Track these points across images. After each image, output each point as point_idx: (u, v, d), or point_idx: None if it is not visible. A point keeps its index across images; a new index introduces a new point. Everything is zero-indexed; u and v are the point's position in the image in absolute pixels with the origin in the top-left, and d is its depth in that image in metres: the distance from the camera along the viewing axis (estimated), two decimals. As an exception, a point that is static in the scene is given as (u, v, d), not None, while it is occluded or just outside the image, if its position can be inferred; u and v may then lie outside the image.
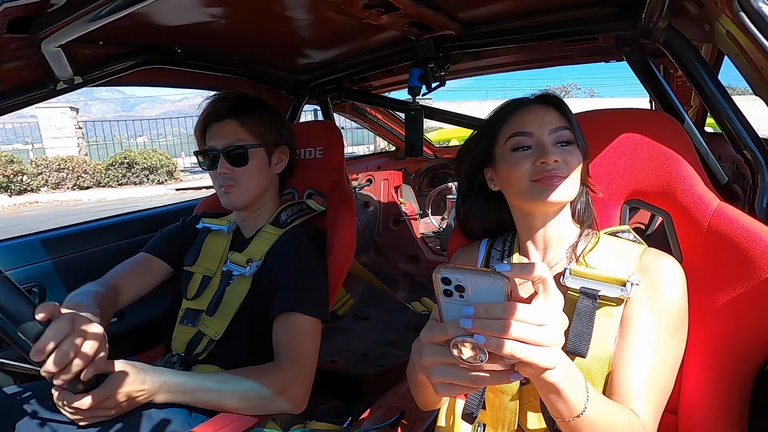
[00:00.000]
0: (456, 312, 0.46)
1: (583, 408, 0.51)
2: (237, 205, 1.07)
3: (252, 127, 1.05)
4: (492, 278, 0.44)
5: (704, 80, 0.95)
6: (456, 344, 0.45)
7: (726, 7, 0.68)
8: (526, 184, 0.71)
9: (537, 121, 0.72)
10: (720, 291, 0.70)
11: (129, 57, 1.17)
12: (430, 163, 3.12)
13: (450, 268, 0.45)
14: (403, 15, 1.06)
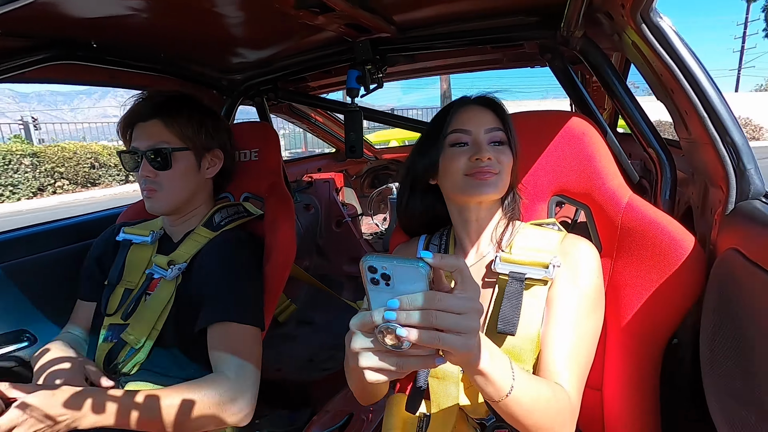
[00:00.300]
0: (383, 300, 0.47)
1: (509, 388, 0.54)
2: (159, 210, 1.00)
3: (178, 129, 0.99)
4: (414, 267, 0.46)
5: (615, 85, 1.05)
6: (381, 331, 0.47)
7: (631, 20, 0.76)
8: (460, 178, 0.76)
9: (474, 120, 0.78)
10: (633, 275, 0.78)
11: (35, 51, 1.05)
12: (370, 165, 3.14)
13: (376, 257, 0.47)
14: (339, 16, 1.06)
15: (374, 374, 0.49)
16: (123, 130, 1.02)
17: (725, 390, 0.61)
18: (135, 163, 0.98)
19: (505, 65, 1.64)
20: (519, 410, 0.57)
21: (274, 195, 1.16)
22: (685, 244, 0.73)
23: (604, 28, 0.99)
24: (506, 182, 0.77)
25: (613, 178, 0.87)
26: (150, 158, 0.97)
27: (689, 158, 0.94)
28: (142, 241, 1.06)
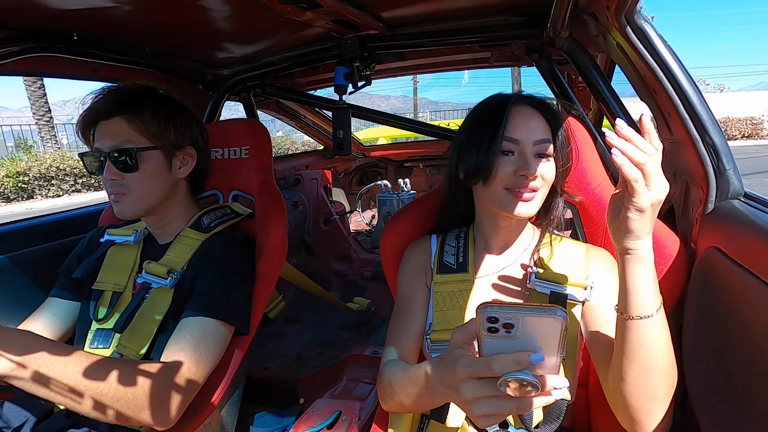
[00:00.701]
0: (499, 348, 0.45)
1: (655, 309, 0.56)
2: (129, 215, 0.93)
3: (142, 126, 0.91)
4: (552, 317, 0.42)
5: (600, 86, 1.06)
6: (506, 382, 0.44)
7: (615, 22, 0.77)
8: (500, 190, 0.72)
9: (525, 127, 0.72)
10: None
11: (13, 42, 1.02)
12: (359, 162, 3.14)
13: (498, 307, 0.44)
14: (327, 12, 1.05)
15: (489, 419, 0.48)
16: (84, 130, 0.94)
17: (706, 386, 0.63)
18: (99, 165, 0.91)
19: (492, 64, 1.65)
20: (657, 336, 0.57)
21: (265, 193, 1.15)
22: (667, 243, 0.75)
23: (590, 29, 1.00)
24: (543, 199, 0.74)
25: (599, 177, 0.88)
26: (114, 159, 0.89)
27: (671, 158, 0.96)
28: (124, 240, 1.02)
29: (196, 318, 0.85)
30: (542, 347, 0.44)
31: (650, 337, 0.56)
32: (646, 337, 0.56)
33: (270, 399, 1.62)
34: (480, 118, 0.77)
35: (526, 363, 0.44)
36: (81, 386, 0.66)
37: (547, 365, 0.45)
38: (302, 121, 2.46)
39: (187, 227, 1.00)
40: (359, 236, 2.74)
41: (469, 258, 0.82)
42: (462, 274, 0.80)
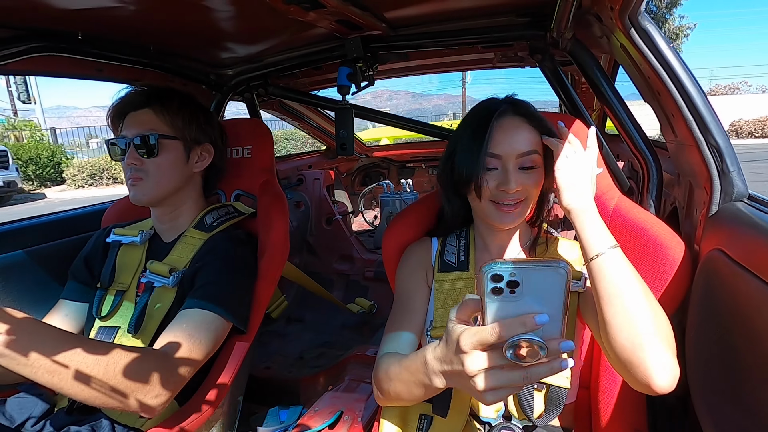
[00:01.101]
0: (505, 311, 0.43)
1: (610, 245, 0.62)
2: (143, 200, 0.97)
3: (168, 118, 0.98)
4: (554, 270, 0.41)
5: (603, 87, 1.06)
6: (513, 345, 0.42)
7: (619, 22, 0.77)
8: (486, 204, 0.76)
9: (507, 142, 0.73)
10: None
11: (18, 42, 1.03)
12: (361, 162, 3.14)
13: (502, 263, 0.42)
14: (330, 12, 1.05)
15: (497, 393, 0.46)
16: (114, 120, 1.00)
17: (710, 387, 0.63)
18: (122, 151, 0.96)
19: (495, 65, 1.65)
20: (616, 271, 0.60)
21: (267, 193, 1.15)
22: (671, 245, 0.74)
23: (594, 30, 1.00)
24: (530, 206, 0.77)
25: (602, 178, 0.88)
26: (137, 145, 0.95)
27: (675, 160, 0.95)
28: (131, 241, 1.03)
29: (193, 310, 0.85)
30: (547, 307, 0.43)
31: (610, 273, 0.61)
32: (607, 274, 0.61)
33: (272, 398, 1.63)
34: (469, 129, 0.78)
35: (532, 324, 0.42)
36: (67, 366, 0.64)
37: (552, 327, 0.43)
38: (305, 122, 2.46)
39: (191, 227, 1.02)
40: (361, 236, 2.74)
41: (470, 257, 0.83)
42: (463, 272, 0.82)
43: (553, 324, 0.43)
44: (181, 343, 0.80)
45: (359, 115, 1.83)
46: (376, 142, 5.76)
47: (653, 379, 0.56)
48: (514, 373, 0.44)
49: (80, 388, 0.65)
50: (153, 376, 0.72)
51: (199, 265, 0.94)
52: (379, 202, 2.87)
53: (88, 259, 1.06)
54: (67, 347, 0.65)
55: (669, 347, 0.58)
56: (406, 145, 3.98)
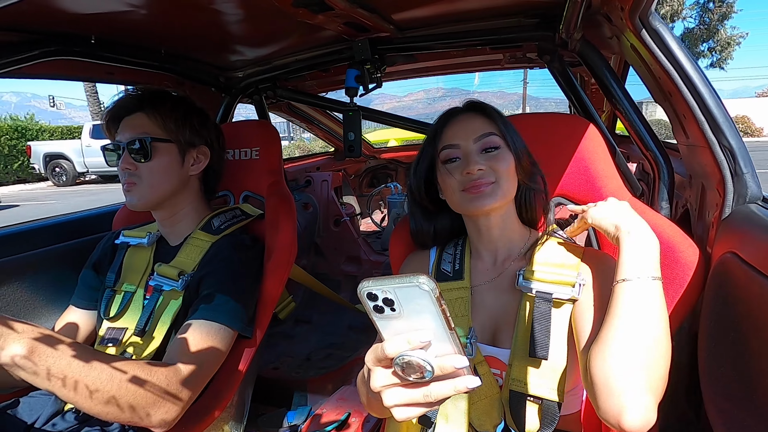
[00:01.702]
0: (392, 328, 0.42)
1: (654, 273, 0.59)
2: (138, 205, 0.96)
3: (161, 121, 0.97)
4: (416, 286, 0.40)
5: (613, 88, 1.05)
6: (399, 365, 0.42)
7: (629, 23, 0.76)
8: (458, 195, 0.75)
9: (462, 131, 0.76)
10: (631, 278, 0.78)
11: (33, 46, 1.04)
12: (369, 164, 3.14)
13: (372, 282, 0.41)
14: (338, 15, 1.05)
15: (404, 411, 0.44)
16: (109, 125, 0.99)
17: (722, 393, 0.62)
18: (117, 156, 0.96)
19: (504, 66, 1.65)
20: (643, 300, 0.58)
21: (275, 194, 1.16)
22: (682, 248, 0.73)
23: (603, 31, 0.99)
24: (508, 188, 0.74)
25: (612, 180, 0.87)
26: (131, 149, 0.94)
27: (687, 162, 0.94)
28: (138, 242, 1.04)
29: (199, 321, 0.85)
30: (427, 323, 0.42)
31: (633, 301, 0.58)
32: (628, 300, 0.58)
33: (279, 399, 1.63)
34: (425, 140, 0.82)
35: (416, 342, 0.41)
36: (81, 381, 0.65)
37: (440, 344, 0.42)
38: (313, 123, 2.48)
39: (198, 229, 1.02)
40: (369, 238, 2.74)
41: (465, 266, 0.81)
42: (458, 281, 0.80)
43: (440, 341, 0.42)
44: (189, 357, 0.81)
45: (367, 117, 1.83)
46: (384, 144, 5.76)
47: (625, 415, 0.52)
48: (415, 392, 0.43)
49: (93, 404, 0.66)
50: (164, 392, 0.73)
51: (205, 272, 0.94)
52: (386, 203, 2.87)
53: (96, 264, 1.07)
54: (83, 362, 0.66)
55: (656, 392, 0.55)
56: (414, 146, 3.97)
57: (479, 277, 0.80)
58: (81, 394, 0.65)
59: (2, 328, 0.62)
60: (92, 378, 0.66)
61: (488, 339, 0.76)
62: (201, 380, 0.82)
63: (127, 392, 0.69)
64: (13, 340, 0.61)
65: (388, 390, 0.44)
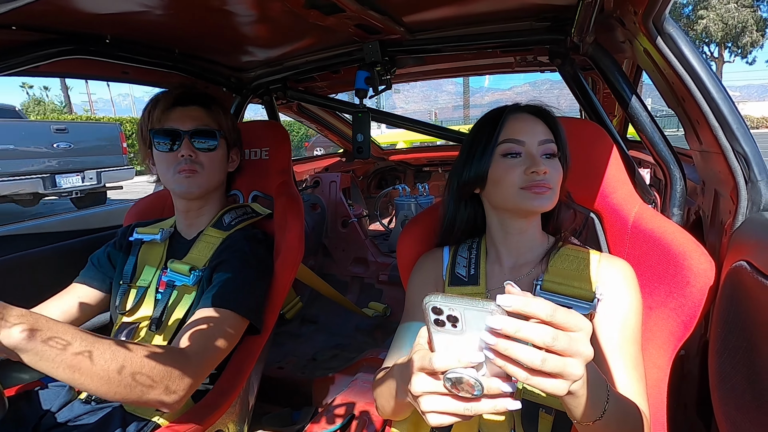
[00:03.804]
0: (449, 343, 0.44)
1: (602, 410, 0.52)
2: (196, 192, 1.00)
3: (217, 118, 1.03)
4: (489, 313, 0.41)
5: (626, 92, 1.04)
6: (449, 379, 0.44)
7: (642, 27, 0.75)
8: (515, 191, 0.72)
9: (528, 129, 0.74)
10: (642, 285, 0.77)
11: (49, 45, 1.06)
12: (378, 166, 3.15)
13: (442, 297, 0.42)
14: (349, 17, 1.06)
15: (438, 418, 0.46)
16: (163, 110, 0.99)
17: (734, 404, 0.61)
18: (171, 142, 0.98)
19: (514, 70, 1.64)
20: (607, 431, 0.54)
21: (283, 194, 1.17)
22: (694, 255, 0.72)
23: (616, 35, 0.98)
24: (557, 197, 0.74)
25: (623, 186, 0.86)
26: (195, 138, 0.98)
27: (700, 168, 0.93)
28: (152, 239, 1.06)
29: (210, 308, 0.86)
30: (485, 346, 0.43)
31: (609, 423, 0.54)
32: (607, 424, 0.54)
33: (284, 398, 1.64)
34: (478, 129, 0.79)
35: (467, 360, 0.43)
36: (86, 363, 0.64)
37: (493, 366, 0.43)
38: (322, 124, 2.49)
39: (210, 226, 1.04)
40: (376, 240, 2.75)
41: (480, 270, 0.80)
42: (473, 286, 0.78)
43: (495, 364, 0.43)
44: (198, 341, 0.81)
45: (376, 119, 1.84)
46: (392, 146, 5.76)
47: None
48: (455, 403, 0.45)
49: (98, 384, 0.65)
50: (170, 373, 0.73)
51: (217, 263, 0.95)
52: (394, 205, 2.87)
53: (111, 253, 1.09)
54: (85, 344, 0.65)
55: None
56: (423, 148, 3.98)
57: (496, 282, 0.79)
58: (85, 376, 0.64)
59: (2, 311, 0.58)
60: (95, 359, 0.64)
61: None
62: (208, 364, 0.82)
63: (131, 374, 0.67)
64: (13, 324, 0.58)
65: (428, 396, 0.46)
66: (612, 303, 0.70)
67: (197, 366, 0.78)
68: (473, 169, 0.76)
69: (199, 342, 0.81)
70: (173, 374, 0.73)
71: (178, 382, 0.73)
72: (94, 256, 1.09)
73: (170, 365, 0.73)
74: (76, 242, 1.36)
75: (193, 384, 0.76)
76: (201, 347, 0.81)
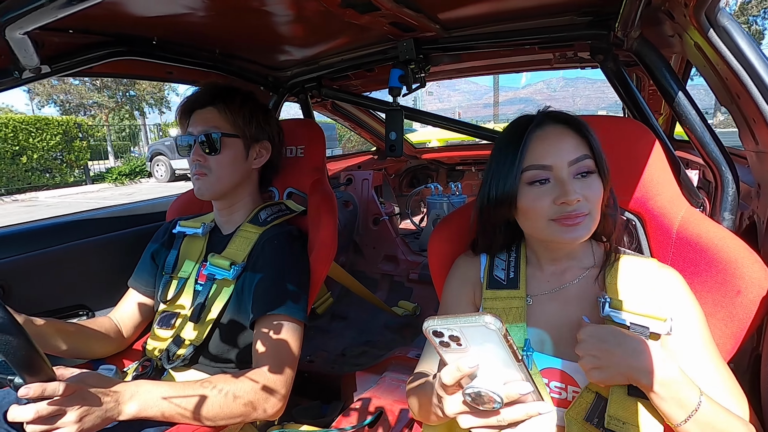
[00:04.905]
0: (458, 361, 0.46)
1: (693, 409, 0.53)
2: (206, 194, 1.03)
3: (230, 116, 1.04)
4: (484, 326, 0.43)
5: (673, 89, 0.99)
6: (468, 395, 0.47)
7: (694, 20, 0.71)
8: (544, 223, 0.67)
9: (554, 151, 0.67)
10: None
11: (101, 47, 1.13)
12: (410, 164, 3.14)
13: (438, 320, 0.45)
14: (384, 15, 1.06)
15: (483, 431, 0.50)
16: (182, 118, 1.07)
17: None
18: (188, 147, 1.03)
19: (553, 66, 1.59)
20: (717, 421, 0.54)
21: (317, 192, 1.19)
22: (747, 263, 0.68)
23: (664, 29, 0.93)
24: (597, 219, 0.68)
25: (668, 188, 0.82)
26: (201, 142, 1.01)
27: (755, 170, 0.87)
28: (194, 232, 1.11)
29: (269, 319, 0.91)
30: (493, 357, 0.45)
31: None
32: None
33: (313, 392, 1.67)
34: (502, 147, 0.72)
35: (465, 369, 0.46)
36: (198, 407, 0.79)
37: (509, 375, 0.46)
38: (355, 122, 2.51)
39: (246, 222, 1.07)
40: (407, 238, 2.74)
41: (520, 274, 0.76)
42: (512, 290, 0.75)
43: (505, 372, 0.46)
44: (273, 355, 0.89)
45: (410, 117, 1.83)
46: (425, 144, 5.73)
47: None
48: (489, 417, 0.48)
49: (212, 417, 0.80)
50: (265, 391, 0.85)
51: (257, 262, 0.99)
52: (426, 204, 2.86)
53: (155, 252, 1.15)
54: (191, 394, 0.79)
55: None
56: (456, 147, 3.93)
57: (538, 287, 0.75)
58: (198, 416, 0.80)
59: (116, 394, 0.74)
60: (204, 401, 0.79)
61: (547, 351, 0.71)
62: (291, 369, 0.90)
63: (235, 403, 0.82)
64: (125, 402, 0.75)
65: (464, 416, 0.49)
66: (684, 319, 0.65)
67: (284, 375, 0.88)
68: (500, 195, 0.70)
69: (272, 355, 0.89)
70: (267, 392, 0.85)
71: (274, 395, 0.86)
72: (142, 259, 1.15)
73: (263, 384, 0.85)
74: (126, 233, 1.44)
75: (284, 392, 0.88)
76: (276, 359, 0.88)
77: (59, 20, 0.75)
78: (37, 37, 0.91)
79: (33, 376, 0.63)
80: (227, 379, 0.84)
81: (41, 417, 0.65)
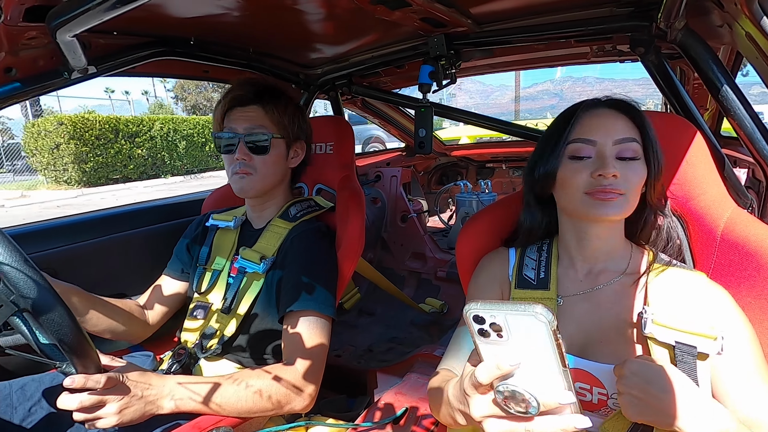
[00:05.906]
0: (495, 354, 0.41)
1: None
2: (249, 193, 1.05)
3: (277, 117, 1.04)
4: (532, 315, 0.38)
5: (721, 83, 0.93)
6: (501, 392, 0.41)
7: (746, 9, 0.67)
8: (579, 196, 0.67)
9: (602, 128, 0.68)
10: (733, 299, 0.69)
11: (143, 48, 1.18)
12: (439, 161, 3.11)
13: (481, 304, 0.40)
14: (415, 11, 1.05)
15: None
16: (220, 112, 1.06)
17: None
18: (230, 144, 1.02)
19: (590, 60, 1.53)
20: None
21: (346, 188, 1.20)
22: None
23: (712, 18, 0.88)
24: (633, 203, 0.67)
25: (714, 187, 0.78)
26: (248, 141, 1.01)
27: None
28: (226, 225, 1.14)
29: (298, 316, 0.93)
30: (536, 355, 0.39)
31: None
32: None
33: (340, 386, 1.69)
34: (553, 125, 0.75)
35: (506, 367, 0.40)
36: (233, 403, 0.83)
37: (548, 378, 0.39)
38: (385, 119, 2.51)
39: (277, 217, 1.09)
40: (435, 236, 2.72)
41: (551, 274, 0.74)
42: (542, 291, 0.73)
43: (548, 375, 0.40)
44: (302, 351, 0.91)
45: (439, 114, 1.81)
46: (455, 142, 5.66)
47: None
48: (518, 425, 0.42)
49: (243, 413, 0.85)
50: (294, 389, 0.88)
51: (287, 258, 1.01)
52: (455, 201, 2.83)
53: (189, 242, 1.19)
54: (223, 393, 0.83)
55: None
56: (487, 144, 3.86)
57: (569, 288, 0.74)
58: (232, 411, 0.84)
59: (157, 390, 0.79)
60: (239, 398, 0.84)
61: (575, 351, 0.69)
62: (320, 364, 0.93)
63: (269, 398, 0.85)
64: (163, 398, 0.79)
65: (491, 420, 0.44)
66: (731, 335, 0.60)
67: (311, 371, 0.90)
68: (544, 167, 0.72)
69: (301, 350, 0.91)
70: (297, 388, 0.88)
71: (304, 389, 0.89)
72: (176, 249, 1.20)
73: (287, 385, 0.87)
74: (164, 226, 1.50)
75: (315, 385, 0.91)
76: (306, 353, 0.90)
77: (105, 23, 0.79)
78: (84, 39, 0.96)
79: (81, 363, 0.68)
80: (259, 375, 0.86)
81: (84, 407, 0.70)
